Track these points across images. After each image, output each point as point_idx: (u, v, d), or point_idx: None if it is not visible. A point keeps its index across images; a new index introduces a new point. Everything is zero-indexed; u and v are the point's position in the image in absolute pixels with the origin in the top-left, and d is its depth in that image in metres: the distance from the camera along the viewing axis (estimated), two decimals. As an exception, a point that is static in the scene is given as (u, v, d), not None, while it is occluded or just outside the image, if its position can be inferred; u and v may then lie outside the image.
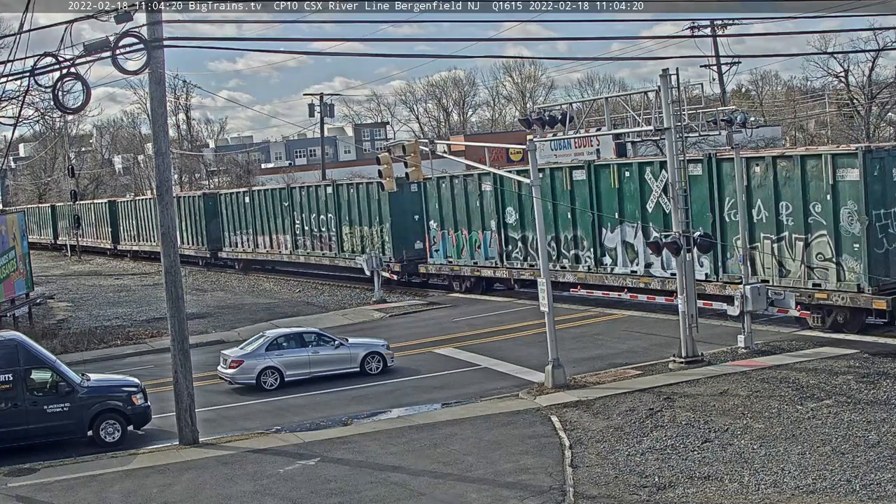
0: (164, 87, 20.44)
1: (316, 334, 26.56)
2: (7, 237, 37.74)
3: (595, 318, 31.45)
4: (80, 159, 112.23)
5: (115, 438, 21.01)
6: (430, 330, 32.42)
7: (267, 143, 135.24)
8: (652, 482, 15.52)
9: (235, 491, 16.85)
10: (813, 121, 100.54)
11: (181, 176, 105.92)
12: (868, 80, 62.10)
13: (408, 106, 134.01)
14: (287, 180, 76.72)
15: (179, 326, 20.44)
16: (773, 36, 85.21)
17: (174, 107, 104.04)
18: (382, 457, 18.20)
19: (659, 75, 23.42)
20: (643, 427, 18.56)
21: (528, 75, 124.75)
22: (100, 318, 40.55)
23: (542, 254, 23.36)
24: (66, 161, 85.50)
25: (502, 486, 15.93)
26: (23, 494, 17.68)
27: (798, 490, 14.66)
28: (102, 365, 29.42)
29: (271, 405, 23.81)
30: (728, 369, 22.55)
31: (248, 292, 47.04)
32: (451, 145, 48.16)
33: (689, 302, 23.67)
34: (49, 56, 18.37)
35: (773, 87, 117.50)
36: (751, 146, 45.46)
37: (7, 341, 21.33)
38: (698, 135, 25.77)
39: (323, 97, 68.38)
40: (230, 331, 35.10)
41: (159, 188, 20.83)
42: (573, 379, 22.81)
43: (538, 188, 23.53)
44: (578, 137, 31.85)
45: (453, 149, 48.18)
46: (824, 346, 24.24)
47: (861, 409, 18.53)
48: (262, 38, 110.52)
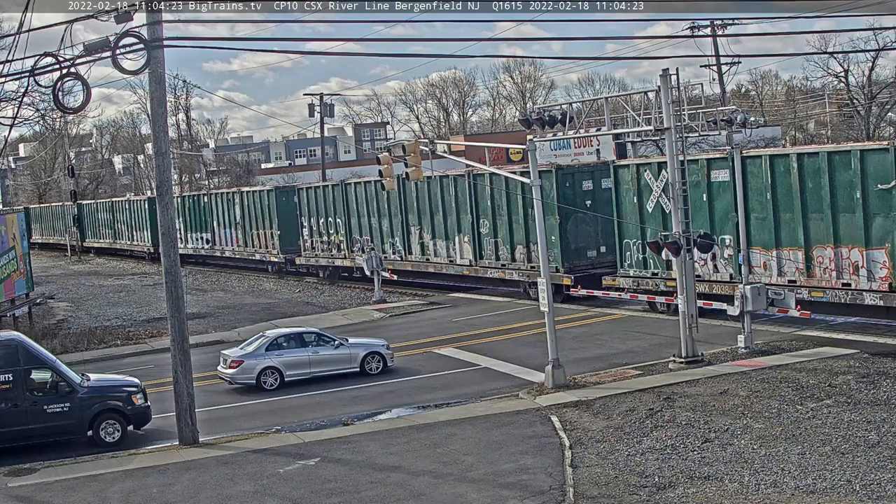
0: (164, 87, 20.44)
1: (316, 334, 26.56)
2: (7, 237, 37.74)
3: (595, 319, 31.45)
4: (80, 159, 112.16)
5: (115, 438, 21.00)
6: (430, 330, 32.42)
7: (267, 143, 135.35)
8: (652, 482, 15.51)
9: (235, 491, 16.85)
10: (813, 121, 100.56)
11: (181, 176, 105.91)
12: (868, 80, 62.16)
13: (408, 106, 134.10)
14: (287, 179, 76.87)
15: (179, 326, 20.44)
16: (770, 36, 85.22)
17: (174, 107, 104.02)
18: (382, 457, 18.20)
19: (659, 75, 23.43)
20: (643, 427, 18.56)
21: (527, 75, 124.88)
22: (100, 318, 40.57)
23: (542, 253, 23.34)
24: (66, 161, 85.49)
25: (502, 486, 15.93)
26: (23, 494, 17.68)
27: (798, 490, 14.66)
28: (102, 365, 29.41)
29: (271, 405, 23.81)
30: (728, 369, 22.56)
31: (248, 292, 47.06)
32: (451, 145, 48.11)
33: (689, 302, 23.67)
34: (49, 56, 18.37)
35: (772, 87, 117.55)
36: (750, 146, 45.55)
37: (7, 341, 21.32)
38: (698, 135, 25.77)
39: (323, 97, 68.39)
40: (230, 331, 35.11)
41: (159, 188, 20.82)
42: (573, 379, 22.81)
43: (538, 188, 23.52)
44: (578, 137, 31.88)
45: (453, 149, 48.16)
46: (824, 346, 24.25)
47: (861, 409, 18.53)
48: (261, 38, 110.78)
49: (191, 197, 62.90)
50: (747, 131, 29.19)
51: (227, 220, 56.60)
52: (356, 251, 44.78)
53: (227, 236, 56.87)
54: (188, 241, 60.83)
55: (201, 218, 59.74)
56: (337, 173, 76.80)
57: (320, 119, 68.16)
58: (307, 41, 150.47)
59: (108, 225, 74.99)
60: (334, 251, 46.95)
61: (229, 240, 56.60)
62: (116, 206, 73.93)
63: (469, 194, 38.01)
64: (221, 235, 57.50)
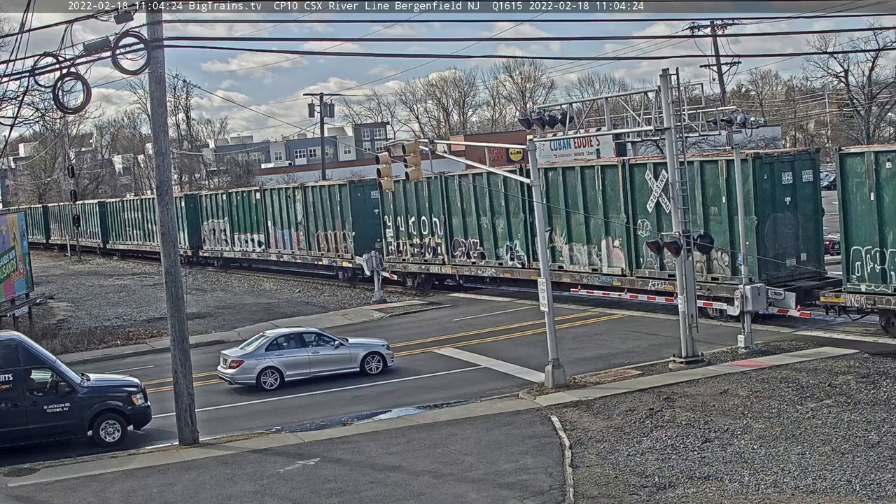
0: (164, 87, 20.44)
1: (316, 334, 26.56)
2: (7, 237, 37.74)
3: (595, 319, 31.45)
4: (80, 159, 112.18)
5: (115, 438, 21.00)
6: (430, 330, 32.42)
7: (267, 143, 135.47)
8: (652, 482, 15.51)
9: (235, 491, 16.85)
10: (813, 121, 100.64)
11: (181, 176, 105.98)
12: (868, 80, 62.20)
13: (408, 106, 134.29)
14: (287, 179, 76.70)
15: (179, 326, 20.44)
16: (769, 36, 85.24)
17: (174, 107, 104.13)
18: (382, 457, 18.20)
19: (659, 75, 23.43)
20: (643, 427, 18.56)
21: (527, 75, 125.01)
22: (100, 318, 40.57)
23: (542, 254, 23.33)
24: (66, 161, 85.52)
25: (502, 486, 15.93)
26: (23, 494, 17.68)
27: (798, 490, 14.66)
28: (102, 365, 29.40)
29: (271, 405, 23.81)
30: (728, 369, 22.56)
31: (248, 292, 47.04)
32: (451, 145, 48.11)
33: (689, 302, 23.68)
34: (49, 56, 18.38)
35: (772, 87, 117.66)
36: (750, 146, 45.59)
37: (7, 341, 21.32)
38: (698, 135, 25.77)
39: (323, 97, 68.40)
40: (230, 331, 35.11)
41: (159, 188, 20.82)
42: (573, 379, 22.81)
43: (538, 188, 23.53)
44: (578, 137, 31.72)
45: (453, 149, 48.16)
46: (824, 346, 24.25)
47: (861, 409, 18.54)
48: (261, 38, 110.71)
49: (238, 194, 55.05)
50: (747, 131, 29.07)
51: (285, 219, 49.51)
52: (459, 256, 38.89)
53: (284, 238, 49.87)
54: (235, 243, 54.69)
55: (252, 217, 52.86)
56: (337, 173, 76.88)
57: (320, 119, 68.17)
58: (306, 41, 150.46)
59: (136, 225, 67.84)
60: (428, 255, 40.41)
61: (288, 242, 49.58)
62: (147, 204, 64.87)
63: (624, 188, 31.03)
64: (278, 237, 50.53)
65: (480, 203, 37.38)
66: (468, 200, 37.93)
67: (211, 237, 58.04)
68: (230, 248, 55.37)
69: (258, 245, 52.64)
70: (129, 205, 70.85)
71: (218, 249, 57.05)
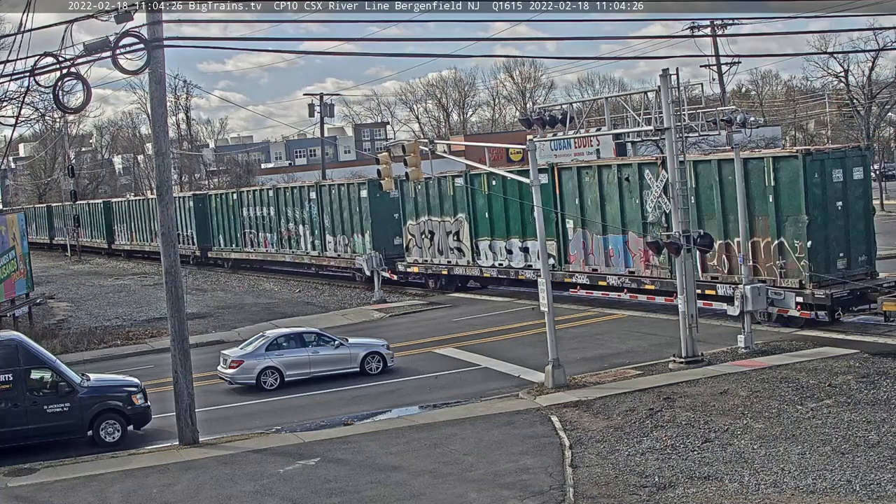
0: (164, 87, 20.44)
1: (316, 334, 26.56)
2: (7, 237, 37.75)
3: (595, 319, 31.45)
4: (80, 159, 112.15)
5: (115, 438, 21.00)
6: (430, 330, 32.42)
7: (266, 143, 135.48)
8: (652, 482, 15.51)
9: (235, 491, 16.85)
10: (813, 121, 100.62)
11: (181, 176, 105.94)
12: (868, 80, 62.12)
13: (408, 106, 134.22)
14: (287, 179, 76.62)
15: (179, 326, 20.45)
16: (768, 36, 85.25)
17: (174, 107, 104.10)
18: (382, 457, 18.20)
19: (659, 75, 23.44)
20: (643, 427, 18.56)
21: (527, 76, 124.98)
22: (100, 318, 40.56)
23: (542, 253, 23.34)
24: (66, 161, 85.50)
25: (502, 486, 15.93)
26: (23, 494, 17.68)
27: (798, 490, 14.66)
28: (102, 365, 29.40)
29: (271, 405, 23.81)
30: (728, 369, 22.56)
31: (248, 292, 47.03)
32: (451, 145, 48.14)
33: (689, 302, 23.67)
34: (49, 56, 18.38)
35: (772, 87, 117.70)
36: (751, 146, 45.59)
37: (7, 341, 21.32)
38: (698, 135, 25.78)
39: (323, 97, 68.38)
40: (230, 331, 35.11)
41: (159, 188, 20.82)
42: (573, 379, 22.81)
43: (538, 188, 23.53)
44: (578, 137, 31.78)
45: (453, 149, 48.17)
46: (824, 346, 24.24)
47: (861, 409, 18.53)
48: (260, 38, 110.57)
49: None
50: (747, 131, 29.08)
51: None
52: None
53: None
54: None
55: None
56: (337, 173, 76.82)
57: (320, 119, 68.16)
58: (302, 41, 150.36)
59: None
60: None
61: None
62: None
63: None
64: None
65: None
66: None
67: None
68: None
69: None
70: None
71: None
